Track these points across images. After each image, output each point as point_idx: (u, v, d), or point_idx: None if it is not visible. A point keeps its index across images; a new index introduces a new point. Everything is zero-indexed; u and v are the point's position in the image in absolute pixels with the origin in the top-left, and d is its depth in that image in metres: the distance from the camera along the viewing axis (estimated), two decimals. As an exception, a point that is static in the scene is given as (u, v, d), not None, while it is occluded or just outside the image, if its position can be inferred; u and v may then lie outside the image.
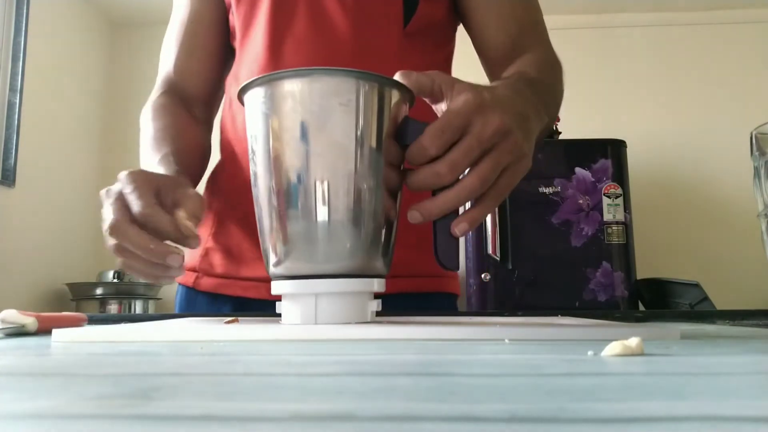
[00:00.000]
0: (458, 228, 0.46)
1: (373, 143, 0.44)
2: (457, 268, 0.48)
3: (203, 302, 0.75)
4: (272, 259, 0.45)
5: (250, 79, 0.45)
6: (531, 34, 0.74)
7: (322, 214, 0.43)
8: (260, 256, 0.70)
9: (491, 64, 0.75)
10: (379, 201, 0.44)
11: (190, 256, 0.77)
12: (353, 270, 0.44)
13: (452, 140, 0.45)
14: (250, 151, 0.46)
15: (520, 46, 0.72)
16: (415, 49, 0.73)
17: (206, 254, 0.76)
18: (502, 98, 0.49)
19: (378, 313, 0.69)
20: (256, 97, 0.45)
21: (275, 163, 0.43)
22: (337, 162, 0.43)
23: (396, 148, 0.46)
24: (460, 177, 0.46)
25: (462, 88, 0.48)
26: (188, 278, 0.76)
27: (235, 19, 0.76)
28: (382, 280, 0.46)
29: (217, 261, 0.75)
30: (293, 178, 0.43)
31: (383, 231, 0.45)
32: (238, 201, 0.74)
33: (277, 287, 0.45)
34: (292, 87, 0.43)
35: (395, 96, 0.45)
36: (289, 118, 0.43)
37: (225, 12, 0.79)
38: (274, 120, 0.44)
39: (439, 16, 0.75)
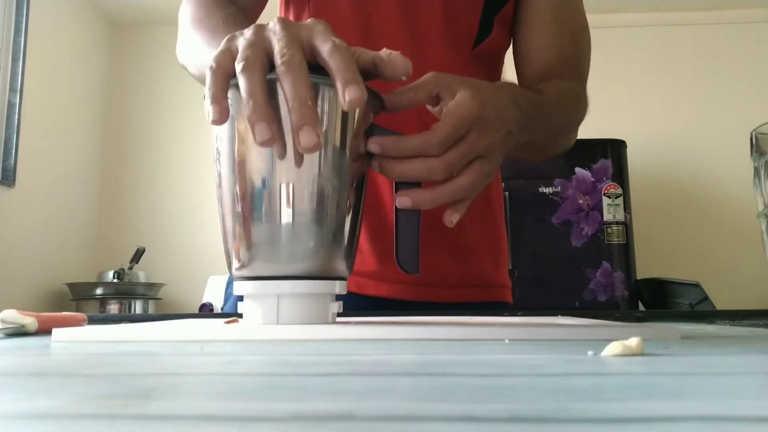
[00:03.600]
0: (453, 218, 0.48)
1: (337, 148, 0.44)
2: (417, 272, 0.48)
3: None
4: (235, 260, 0.45)
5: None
6: (568, 65, 0.77)
7: (285, 216, 0.43)
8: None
9: (524, 85, 0.78)
10: (341, 205, 0.44)
11: None
12: (315, 272, 0.44)
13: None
14: (215, 152, 0.46)
15: (556, 74, 0.75)
16: (479, 66, 0.77)
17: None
18: (501, 112, 0.51)
19: (387, 314, 0.69)
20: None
21: (239, 165, 0.43)
22: (300, 166, 0.43)
23: (360, 154, 0.46)
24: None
25: (465, 95, 0.49)
26: None
27: None
28: (344, 282, 0.47)
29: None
30: (257, 180, 0.43)
31: (346, 235, 0.45)
32: None
33: (239, 288, 0.45)
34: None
35: (371, 103, 0.45)
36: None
37: None
38: (239, 122, 0.43)
39: (503, 44, 0.80)
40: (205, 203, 3.05)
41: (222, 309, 0.82)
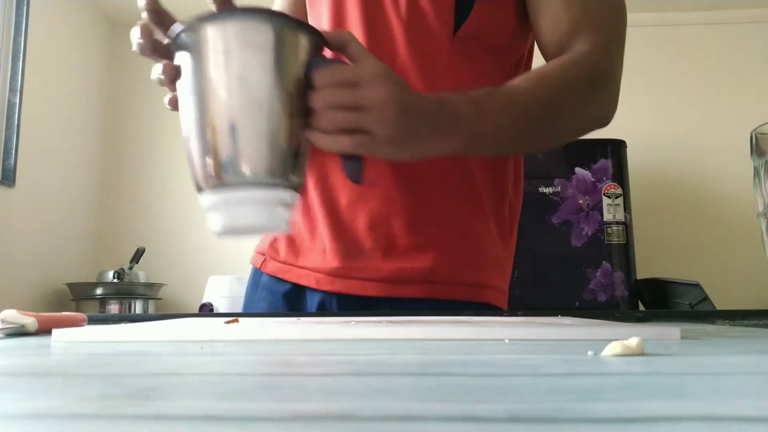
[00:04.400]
0: (310, 134, 0.52)
1: (281, 77, 0.50)
2: (360, 181, 0.54)
3: (267, 283, 0.80)
4: (199, 177, 0.51)
5: (175, 25, 0.52)
6: (579, 31, 0.69)
7: (234, 135, 0.49)
8: (315, 247, 0.76)
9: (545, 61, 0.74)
10: (284, 123, 0.50)
11: (263, 242, 0.83)
12: (264, 181, 0.50)
13: (338, 84, 0.51)
14: (178, 87, 0.52)
15: (567, 45, 0.69)
16: (466, 55, 0.72)
17: (275, 241, 0.81)
18: (410, 92, 0.55)
19: (380, 313, 0.70)
20: (179, 40, 0.52)
21: (199, 96, 0.50)
22: (250, 93, 0.50)
23: (299, 80, 0.52)
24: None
25: (376, 60, 0.54)
26: (257, 260, 0.83)
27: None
28: (294, 193, 0.52)
29: (282, 248, 0.80)
30: (214, 109, 0.50)
31: (290, 148, 0.52)
32: (304, 196, 0.79)
33: (202, 199, 0.51)
34: (208, 31, 0.50)
35: (302, 37, 0.52)
36: (208, 58, 0.50)
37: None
38: (195, 58, 0.50)
39: (499, 20, 0.73)
40: (205, 203, 3.05)
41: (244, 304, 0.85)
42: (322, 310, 0.75)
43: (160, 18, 0.55)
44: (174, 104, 0.56)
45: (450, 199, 0.73)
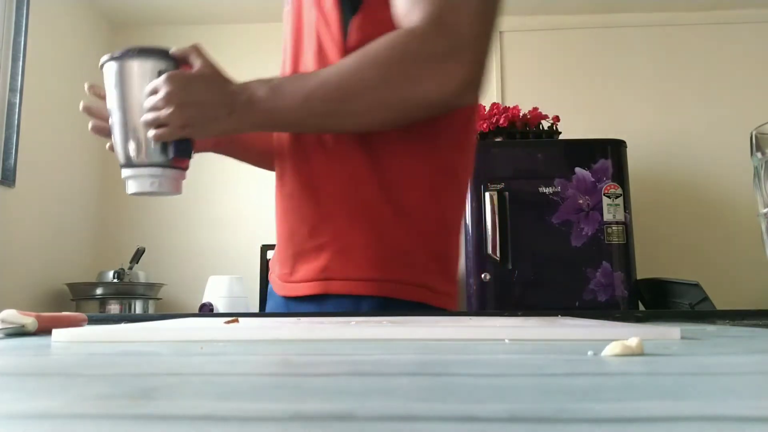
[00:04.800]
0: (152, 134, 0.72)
1: (137, 93, 0.74)
2: (186, 157, 0.75)
3: (271, 292, 0.90)
4: (118, 158, 0.77)
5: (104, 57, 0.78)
6: (414, 6, 0.67)
7: (125, 134, 0.76)
8: (280, 259, 0.88)
9: None
10: (143, 130, 0.74)
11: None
12: (144, 163, 0.75)
13: (150, 93, 0.71)
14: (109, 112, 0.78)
15: (403, 24, 0.69)
16: None
17: (273, 258, 0.93)
18: (193, 88, 0.70)
19: (375, 314, 0.70)
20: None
21: (113, 108, 0.77)
22: (122, 106, 0.75)
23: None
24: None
25: (199, 65, 0.72)
26: (269, 273, 0.93)
27: None
28: (156, 169, 0.75)
29: (272, 263, 0.92)
30: (110, 118, 0.78)
31: (158, 143, 0.74)
32: (277, 216, 0.89)
33: (122, 172, 0.77)
34: (104, 66, 0.78)
35: (153, 63, 0.74)
36: (112, 84, 0.77)
37: None
38: (119, 91, 0.77)
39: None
40: (205, 203, 3.06)
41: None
42: (281, 313, 0.83)
43: (100, 94, 0.81)
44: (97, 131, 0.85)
45: (346, 200, 0.77)
